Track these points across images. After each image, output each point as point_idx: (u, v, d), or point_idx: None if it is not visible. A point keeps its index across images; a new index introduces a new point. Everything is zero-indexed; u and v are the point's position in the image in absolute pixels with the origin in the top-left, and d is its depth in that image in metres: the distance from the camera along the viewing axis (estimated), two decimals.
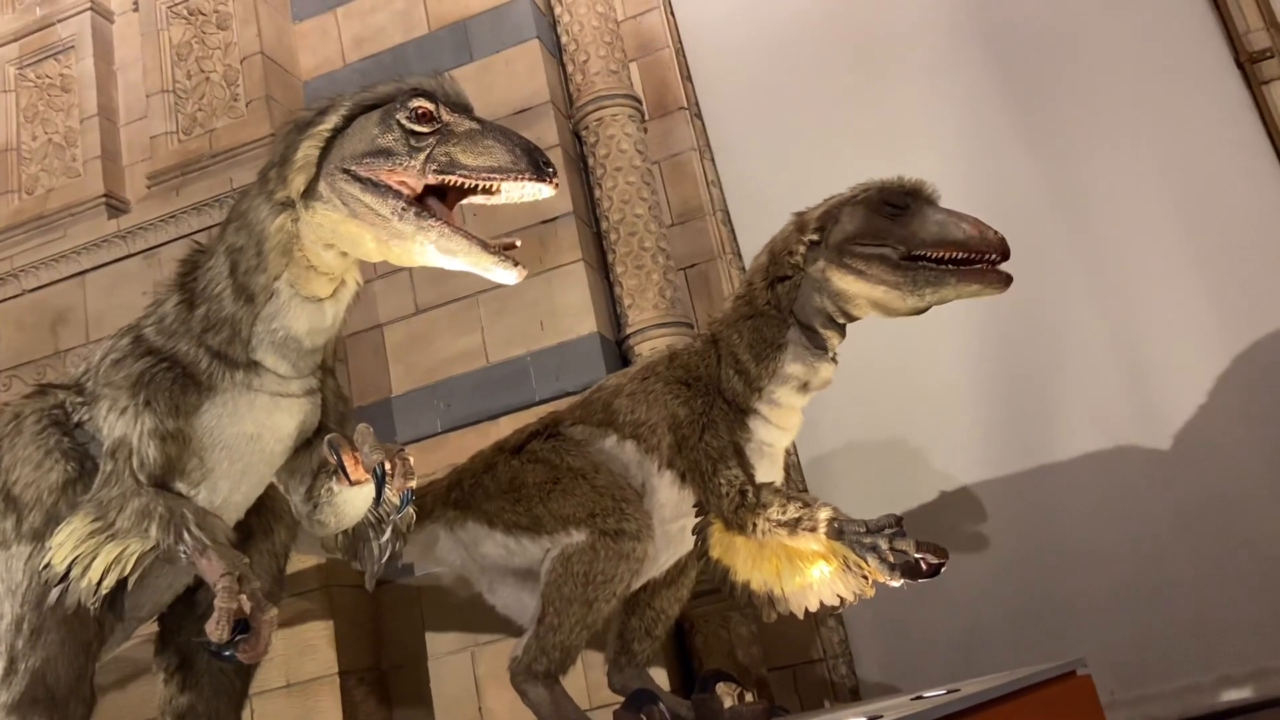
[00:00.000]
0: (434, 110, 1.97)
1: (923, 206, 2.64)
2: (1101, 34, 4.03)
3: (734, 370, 2.75)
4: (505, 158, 1.94)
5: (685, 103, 4.79)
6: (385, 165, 1.97)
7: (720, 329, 2.85)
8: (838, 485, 3.78)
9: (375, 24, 4.87)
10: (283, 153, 2.05)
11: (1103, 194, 3.92)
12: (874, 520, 2.41)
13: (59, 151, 4.87)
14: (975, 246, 2.54)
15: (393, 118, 1.98)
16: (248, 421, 2.13)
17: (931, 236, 2.56)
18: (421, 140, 1.96)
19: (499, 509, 2.84)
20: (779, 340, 2.74)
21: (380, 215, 1.98)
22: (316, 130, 2.02)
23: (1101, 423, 3.75)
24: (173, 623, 2.36)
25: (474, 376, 4.32)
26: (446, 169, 1.95)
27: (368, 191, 1.98)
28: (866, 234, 2.63)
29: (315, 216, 2.05)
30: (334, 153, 2.02)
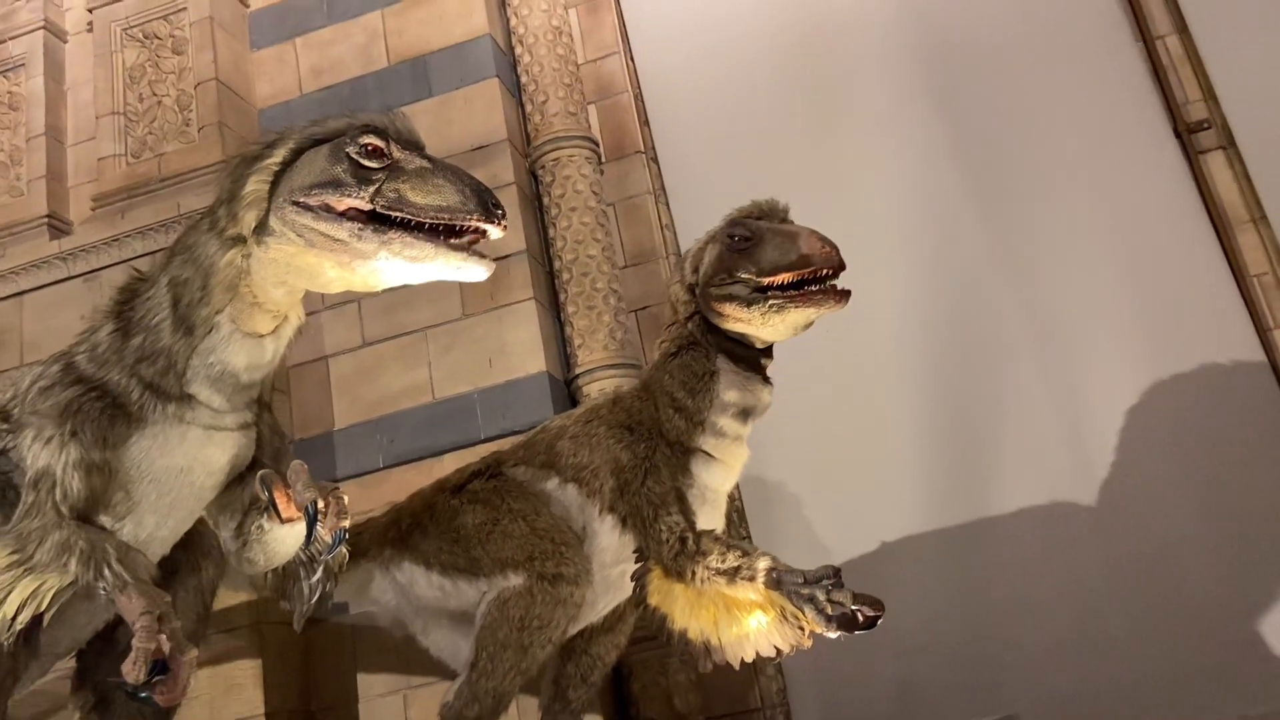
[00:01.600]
0: (384, 147, 1.96)
1: (764, 231, 2.73)
2: (1047, 99, 4.14)
3: (673, 409, 2.76)
4: (454, 198, 1.93)
5: (642, 146, 4.83)
6: (334, 194, 1.94)
7: (651, 375, 2.87)
8: (779, 533, 3.79)
9: (334, 55, 4.86)
10: (230, 188, 2.02)
11: (1045, 254, 4.01)
12: (812, 571, 2.41)
13: (3, 170, 4.78)
14: (810, 264, 2.63)
15: (343, 151, 1.96)
16: (178, 454, 2.08)
17: (770, 263, 2.65)
18: (371, 175, 1.94)
19: (436, 549, 2.80)
20: (709, 369, 2.77)
21: (338, 240, 1.94)
22: (264, 164, 2.00)
23: (1039, 476, 3.80)
24: (91, 659, 2.29)
25: (419, 412, 4.27)
26: (394, 205, 1.93)
27: (320, 219, 1.95)
28: (721, 272, 2.72)
29: (269, 252, 2.02)
30: (283, 186, 1.99)
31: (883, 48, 4.41)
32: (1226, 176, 4.05)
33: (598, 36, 5.01)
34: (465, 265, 1.96)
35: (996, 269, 4.06)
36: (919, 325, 4.02)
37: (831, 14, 4.54)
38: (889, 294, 4.07)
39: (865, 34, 4.45)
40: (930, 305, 4.03)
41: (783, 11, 4.63)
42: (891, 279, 4.09)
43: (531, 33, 4.79)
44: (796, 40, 4.57)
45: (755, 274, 2.65)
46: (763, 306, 2.65)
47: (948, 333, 4.01)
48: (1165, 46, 4.24)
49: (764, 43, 4.63)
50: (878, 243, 4.14)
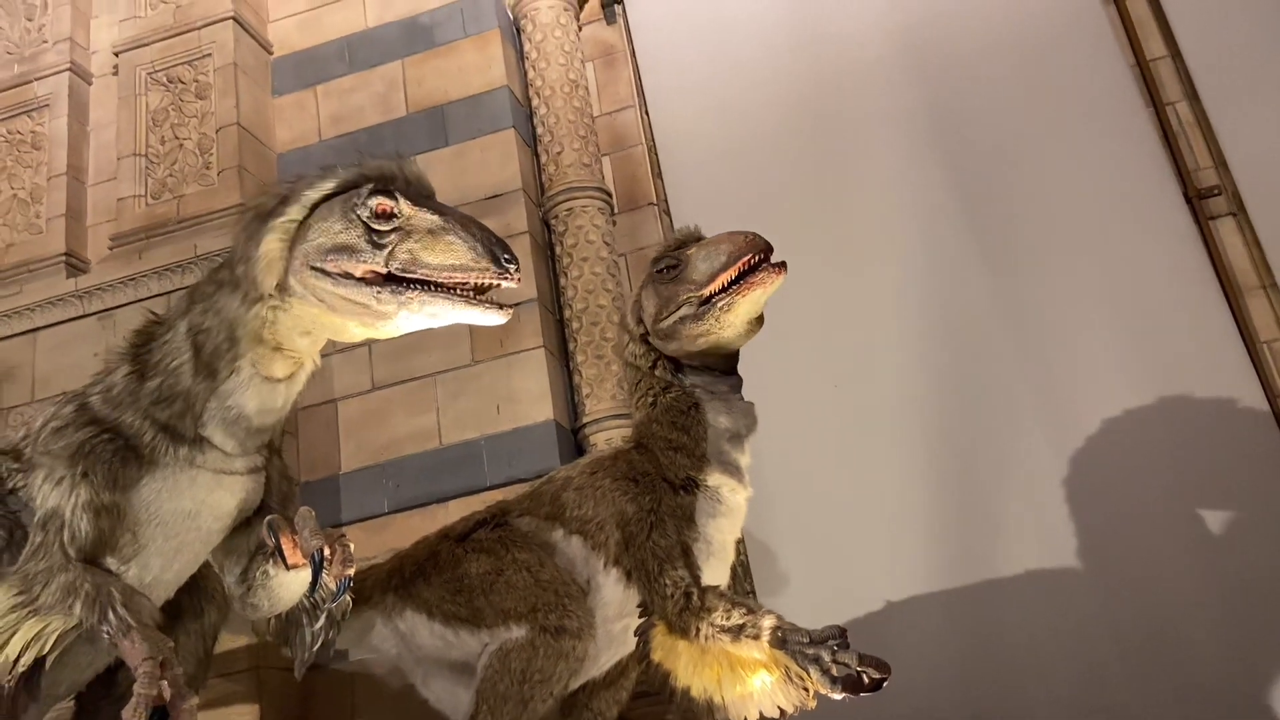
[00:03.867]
0: (394, 206, 1.99)
1: (687, 253, 2.78)
2: (1057, 162, 4.18)
3: (672, 450, 2.76)
4: (466, 255, 1.96)
5: (655, 198, 4.88)
6: (351, 261, 1.98)
7: (640, 430, 2.88)
8: (782, 588, 3.76)
9: (354, 103, 4.94)
10: (246, 246, 2.05)
11: (1053, 316, 4.02)
12: (818, 631, 2.39)
13: (23, 207, 4.84)
14: (740, 255, 2.66)
15: (355, 213, 1.99)
16: (187, 498, 2.09)
17: (704, 274, 2.70)
18: (383, 238, 1.98)
19: (439, 598, 2.78)
20: (691, 402, 2.79)
21: (359, 303, 1.99)
22: (279, 223, 2.03)
23: (1044, 537, 3.78)
24: (90, 702, 2.27)
25: (426, 458, 4.27)
26: (409, 267, 1.97)
27: (340, 285, 1.99)
28: (663, 306, 2.77)
29: (293, 309, 2.06)
30: (299, 245, 2.03)
31: (893, 107, 4.47)
32: (1237, 242, 4.08)
33: (613, 90, 5.09)
34: (483, 315, 2.00)
35: (1004, 329, 4.07)
36: (924, 384, 4.02)
37: (843, 73, 4.61)
38: (895, 351, 4.09)
39: (876, 93, 4.51)
40: (936, 364, 4.04)
41: (795, 70, 4.70)
42: (898, 336, 4.11)
43: (548, 85, 4.87)
44: (808, 98, 4.64)
45: (695, 289, 2.70)
46: (713, 311, 2.69)
47: (953, 392, 4.01)
48: (1176, 113, 4.29)
49: (776, 100, 4.70)
50: (885, 300, 4.17)
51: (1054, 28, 4.34)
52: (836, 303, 4.11)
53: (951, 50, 4.41)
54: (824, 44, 4.60)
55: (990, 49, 4.37)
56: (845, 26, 4.61)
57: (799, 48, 4.65)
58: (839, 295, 4.08)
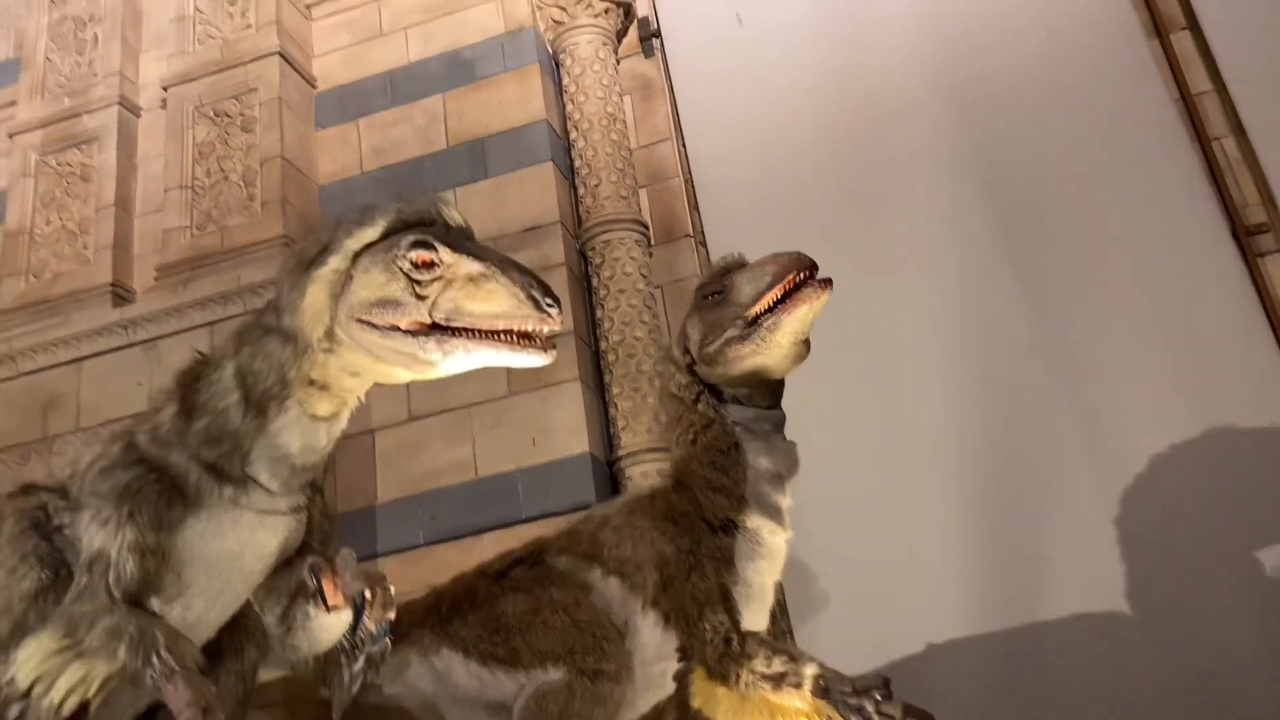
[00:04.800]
0: (434, 257, 2.01)
1: (732, 278, 2.78)
2: (1101, 197, 4.13)
3: (711, 490, 2.74)
4: (508, 302, 1.98)
5: (691, 231, 4.89)
6: (396, 314, 2.01)
7: (679, 468, 2.86)
8: (821, 630, 3.71)
9: (396, 136, 5.00)
10: (291, 295, 2.07)
11: (1098, 354, 3.96)
12: (861, 679, 2.36)
13: (71, 238, 4.93)
14: (785, 274, 2.66)
15: (396, 265, 2.02)
16: (230, 538, 2.10)
17: (749, 297, 2.69)
18: (426, 288, 2.01)
19: (476, 638, 2.77)
20: (732, 442, 2.76)
21: (405, 353, 2.02)
22: (322, 274, 2.05)
23: (1089, 581, 3.70)
24: None
25: (462, 489, 4.28)
26: (452, 316, 2.00)
27: (386, 337, 2.02)
28: (709, 331, 2.75)
29: (341, 357, 2.09)
30: (344, 297, 2.05)
31: (933, 140, 4.45)
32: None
33: (651, 123, 5.11)
34: (526, 358, 2.03)
35: (1046, 367, 4.01)
36: (966, 419, 3.97)
37: (881, 106, 4.59)
38: (936, 385, 4.04)
39: (915, 126, 4.49)
40: (978, 399, 3.99)
41: (833, 102, 4.69)
42: (939, 370, 4.06)
43: (587, 119, 4.90)
44: (846, 131, 4.63)
45: (742, 311, 2.69)
46: (759, 331, 2.67)
47: (995, 427, 3.95)
48: (1222, 148, 4.24)
49: (813, 133, 4.69)
50: (925, 334, 4.13)
51: (1097, 62, 4.31)
52: (876, 336, 4.08)
53: (993, 84, 4.39)
54: (862, 78, 4.60)
55: (1032, 83, 4.34)
56: (884, 60, 4.60)
57: (837, 81, 4.65)
58: (878, 329, 4.05)
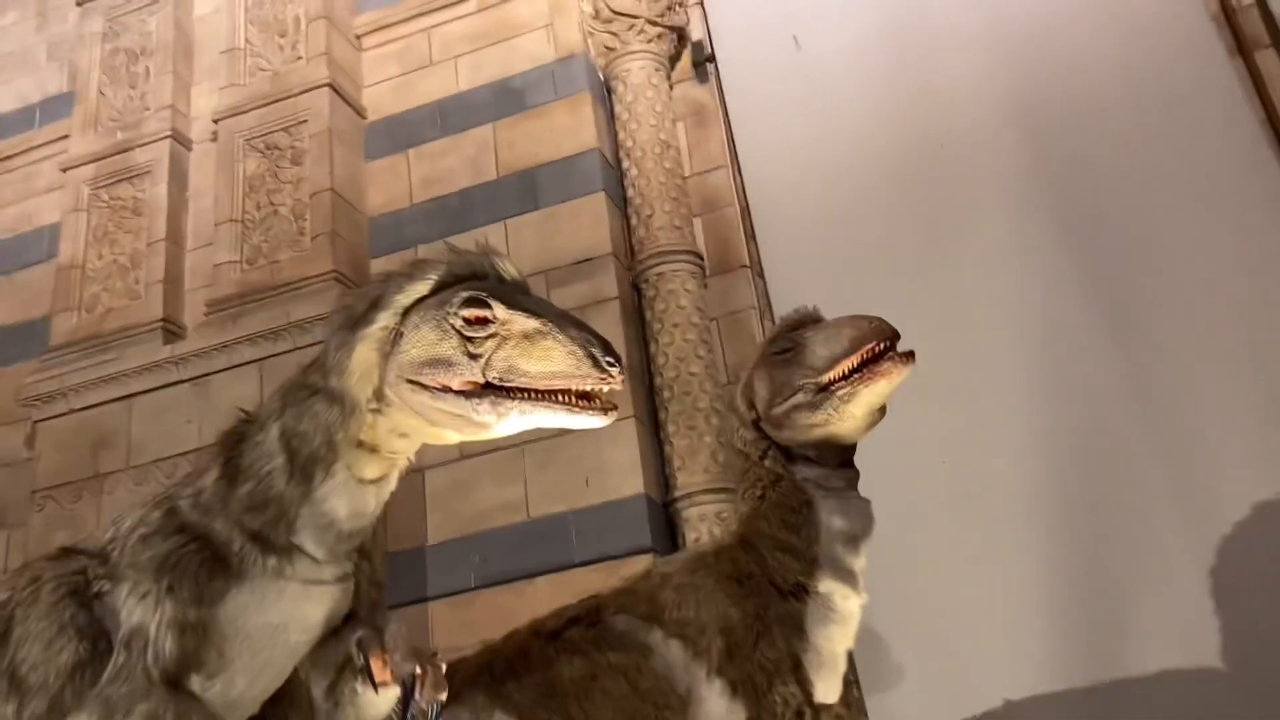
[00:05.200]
0: (488, 314, 1.90)
1: (805, 336, 2.62)
2: (1188, 225, 3.92)
3: (780, 551, 2.59)
4: (566, 362, 1.86)
5: (748, 261, 4.75)
6: (448, 374, 1.90)
7: (746, 527, 2.70)
8: (893, 687, 3.52)
9: (445, 166, 4.92)
10: (338, 355, 1.96)
11: (1188, 392, 3.73)
12: None
13: (123, 273, 4.92)
14: (863, 343, 2.51)
15: (448, 323, 1.91)
16: (274, 611, 1.98)
17: (823, 361, 2.54)
18: (479, 346, 1.90)
19: (530, 702, 2.63)
20: (803, 500, 2.61)
21: (457, 415, 1.91)
22: (371, 332, 1.95)
23: (1181, 638, 3.47)
24: None
25: (513, 531, 4.17)
26: (506, 375, 1.88)
27: (438, 399, 1.91)
28: (777, 392, 2.61)
29: (391, 419, 1.99)
30: (393, 356, 1.95)
31: (1004, 167, 4.26)
32: None
33: (705, 150, 4.98)
34: (584, 421, 1.91)
35: (1128, 400, 3.80)
36: (1044, 464, 3.77)
37: (950, 131, 4.41)
38: (1011, 428, 3.85)
39: (985, 152, 4.31)
40: (1057, 442, 3.78)
41: (897, 127, 4.52)
42: (1014, 412, 3.86)
43: (639, 147, 4.79)
44: (911, 157, 4.45)
45: (814, 376, 2.54)
46: (833, 401, 2.53)
47: (1075, 470, 3.74)
48: None
49: (877, 158, 4.53)
50: (999, 374, 3.94)
51: (1178, 82, 4.10)
52: (945, 376, 3.86)
53: (1067, 107, 4.19)
54: (929, 102, 4.42)
55: (1111, 106, 4.13)
56: (952, 82, 4.42)
57: (901, 105, 4.48)
58: (950, 370, 3.84)
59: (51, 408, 4.61)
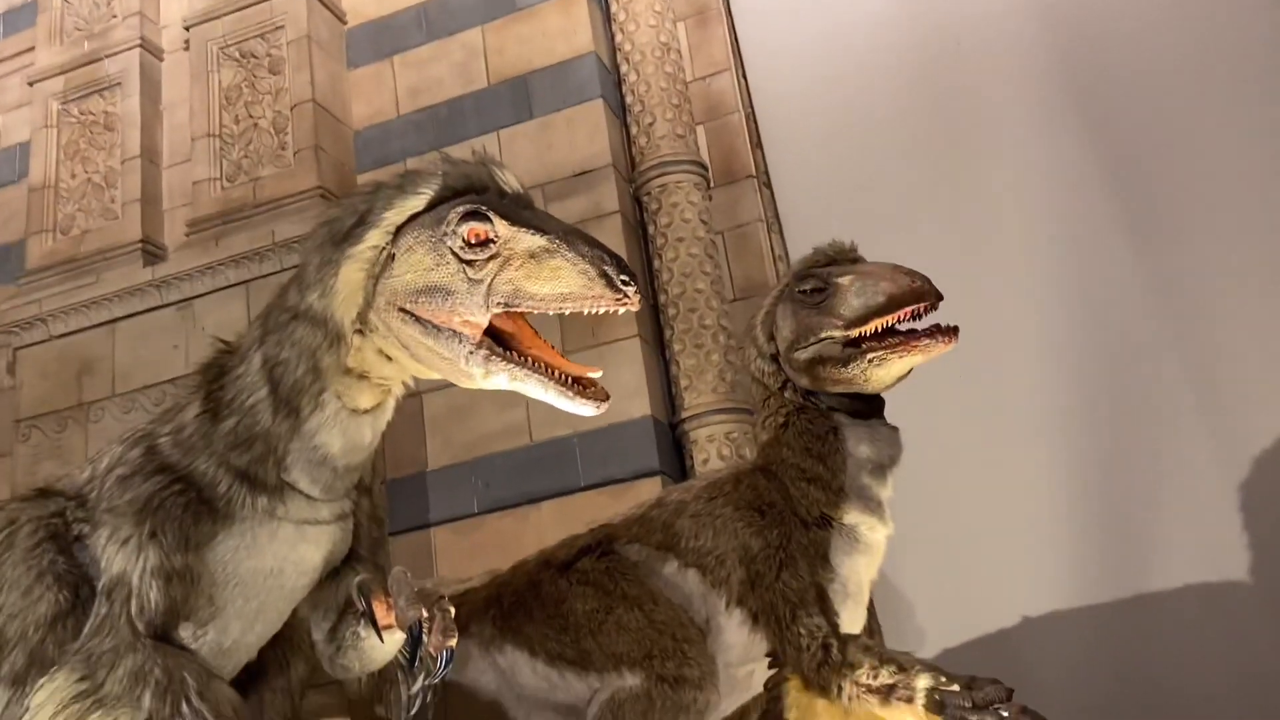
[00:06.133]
0: (489, 231, 1.71)
1: (838, 279, 2.44)
2: (1222, 133, 3.69)
3: (805, 481, 2.46)
4: (577, 281, 1.69)
5: (754, 171, 4.53)
6: (445, 306, 1.72)
7: (767, 454, 2.57)
8: (909, 605, 3.44)
9: (432, 75, 4.66)
10: (322, 272, 1.79)
11: (1210, 296, 3.58)
12: (979, 690, 2.08)
13: (98, 192, 4.69)
14: (901, 303, 2.34)
15: (445, 245, 1.73)
16: (268, 555, 1.85)
17: (855, 312, 2.38)
18: (480, 270, 1.71)
19: (542, 636, 2.53)
20: (829, 427, 2.48)
21: (445, 359, 1.76)
22: (360, 252, 1.77)
23: (1203, 546, 3.39)
24: None
25: (515, 455, 4.04)
26: (512, 300, 1.71)
27: (429, 335, 1.75)
28: (801, 334, 2.46)
29: (375, 342, 1.83)
30: (384, 279, 1.77)
31: (1025, 70, 4.02)
32: None
33: (707, 52, 4.71)
34: (574, 405, 1.76)
35: (1154, 312, 3.65)
36: (1064, 375, 3.63)
37: (966, 32, 4.16)
38: (1030, 340, 3.70)
39: (1005, 55, 4.06)
40: (1077, 353, 3.64)
41: (911, 28, 4.26)
42: (1033, 322, 3.71)
43: (638, 49, 4.53)
44: (926, 59, 4.21)
45: (842, 327, 2.38)
46: (861, 363, 2.39)
47: (1097, 382, 3.61)
48: None
49: (890, 60, 4.28)
50: (1016, 283, 3.77)
51: None
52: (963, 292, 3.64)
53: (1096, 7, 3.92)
54: None
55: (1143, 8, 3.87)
56: None
57: (916, 2, 4.20)
58: (966, 284, 3.62)
59: (31, 334, 4.43)
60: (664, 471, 3.89)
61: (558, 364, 1.75)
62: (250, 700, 2.00)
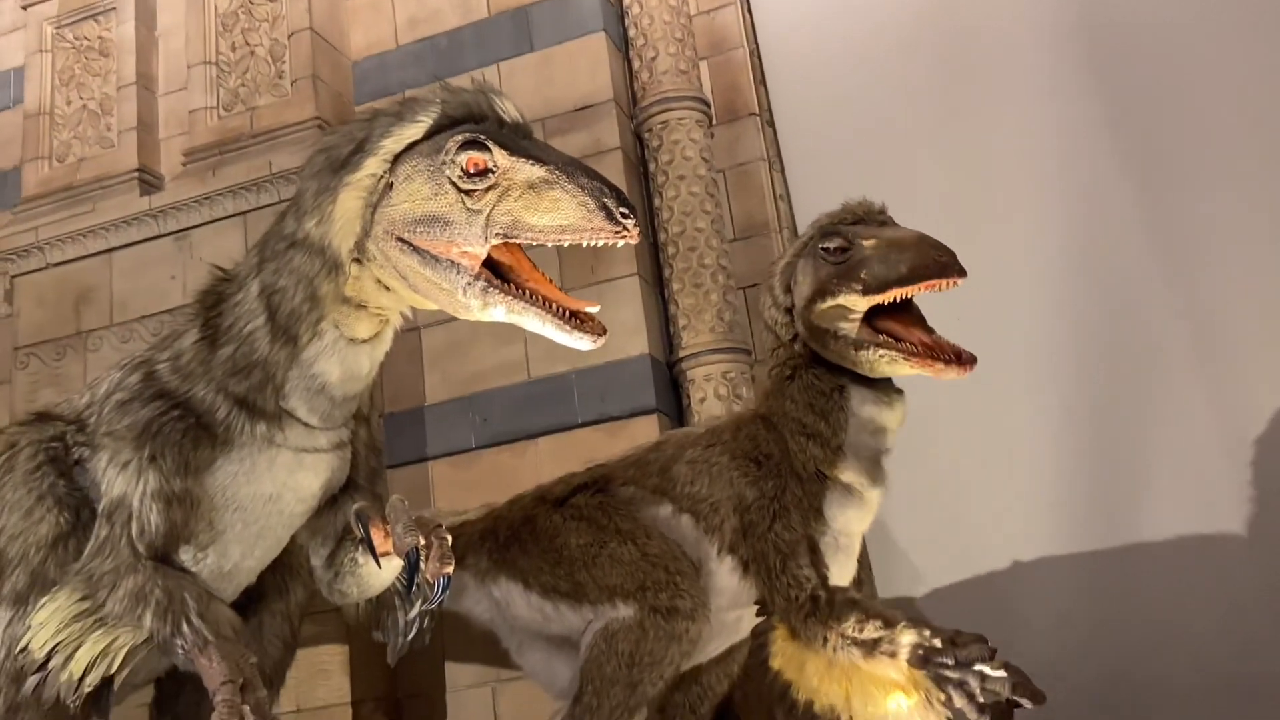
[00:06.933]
0: (488, 161, 1.70)
1: (863, 242, 2.41)
2: (1222, 72, 3.64)
3: (804, 436, 2.48)
4: (576, 213, 1.68)
5: (757, 108, 4.47)
6: (443, 236, 1.72)
7: (769, 404, 2.58)
8: (900, 549, 3.48)
9: (431, 5, 4.58)
10: (319, 199, 1.78)
11: (1211, 250, 3.55)
12: (963, 648, 2.11)
13: (93, 119, 4.63)
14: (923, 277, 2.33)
15: (443, 174, 1.72)
16: (266, 481, 1.87)
17: (876, 279, 2.36)
18: (478, 200, 1.71)
19: (536, 569, 2.57)
20: (836, 385, 2.49)
21: (443, 289, 1.77)
22: (358, 179, 1.76)
23: (1194, 494, 3.42)
24: (171, 687, 2.12)
25: (513, 391, 4.05)
26: (510, 231, 1.70)
27: (427, 265, 1.75)
28: (819, 292, 2.44)
29: (372, 272, 1.84)
30: (382, 207, 1.76)
31: (1030, 11, 3.95)
32: None
33: None
34: (571, 339, 1.78)
35: (1153, 263, 3.62)
36: (1062, 322, 3.62)
37: None
38: (1027, 286, 3.68)
39: None
40: (1075, 301, 3.63)
41: None
42: (1032, 270, 3.70)
43: None
44: None
45: (860, 293, 2.36)
46: (871, 353, 2.41)
47: (1094, 331, 3.61)
48: None
49: None
50: (1018, 229, 3.75)
51: None
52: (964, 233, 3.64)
53: None
54: None
55: None
56: None
57: None
58: (967, 225, 3.64)
59: (28, 262, 4.40)
60: (661, 410, 3.91)
61: (556, 297, 1.76)
62: (250, 623, 2.04)
